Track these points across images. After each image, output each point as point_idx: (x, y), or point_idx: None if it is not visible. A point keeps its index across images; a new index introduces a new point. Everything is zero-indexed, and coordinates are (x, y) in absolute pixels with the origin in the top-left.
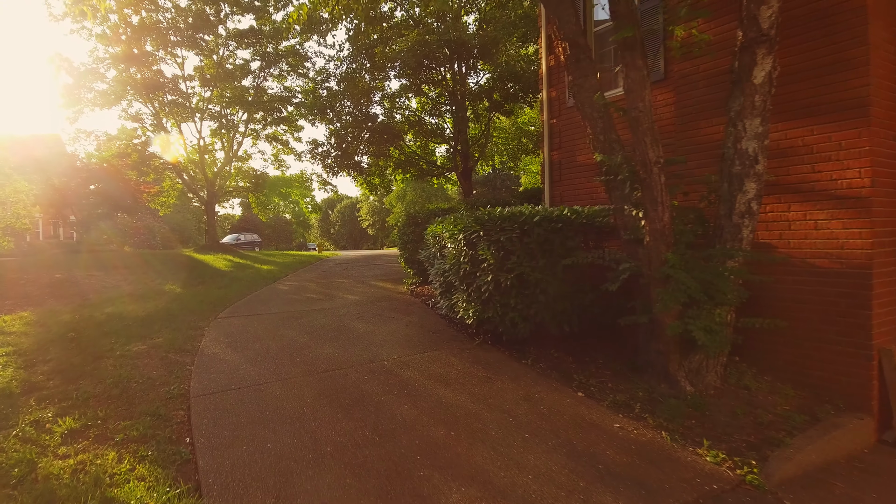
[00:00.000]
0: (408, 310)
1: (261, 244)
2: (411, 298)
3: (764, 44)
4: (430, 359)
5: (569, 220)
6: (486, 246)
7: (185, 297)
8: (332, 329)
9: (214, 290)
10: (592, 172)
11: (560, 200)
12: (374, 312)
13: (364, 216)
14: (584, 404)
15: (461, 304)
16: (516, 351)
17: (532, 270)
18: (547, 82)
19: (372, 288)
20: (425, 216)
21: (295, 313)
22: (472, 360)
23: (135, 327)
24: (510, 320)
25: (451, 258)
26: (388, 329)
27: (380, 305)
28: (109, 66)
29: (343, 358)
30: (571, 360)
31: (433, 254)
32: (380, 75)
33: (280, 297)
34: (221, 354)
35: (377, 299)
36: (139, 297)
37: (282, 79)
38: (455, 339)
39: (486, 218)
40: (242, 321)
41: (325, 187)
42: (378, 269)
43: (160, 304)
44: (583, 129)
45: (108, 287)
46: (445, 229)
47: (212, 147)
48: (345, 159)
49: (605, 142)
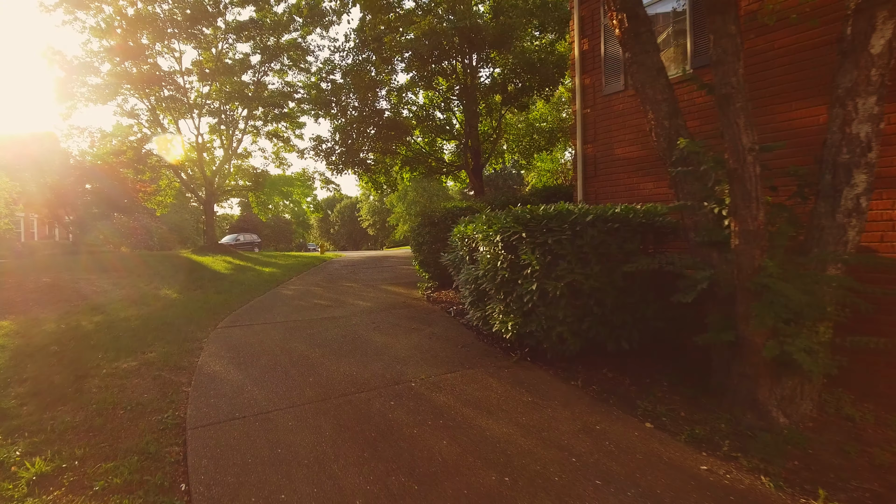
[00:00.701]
0: (428, 319)
1: (260, 245)
2: (429, 305)
3: (886, 5)
4: (464, 379)
5: (626, 220)
6: (529, 249)
7: (183, 304)
8: (347, 341)
9: (214, 296)
10: (633, 166)
11: (595, 198)
12: (391, 322)
13: (364, 216)
14: (657, 439)
15: (497, 316)
16: (562, 370)
17: (585, 278)
18: (580, 68)
19: (384, 293)
20: (442, 216)
21: (303, 322)
22: (512, 381)
23: (125, 339)
24: (558, 335)
25: (486, 263)
26: (410, 342)
27: (396, 313)
28: (104, 60)
29: (363, 378)
30: (629, 382)
31: (460, 257)
32: (387, 68)
33: (285, 303)
34: (223, 373)
35: (392, 306)
36: (132, 304)
37: (282, 74)
38: (488, 355)
39: (528, 217)
40: (245, 332)
41: (327, 186)
42: (387, 271)
43: (155, 311)
44: (622, 118)
45: (99, 292)
46: (478, 230)
47: (210, 144)
48: (350, 156)
49: (671, 128)
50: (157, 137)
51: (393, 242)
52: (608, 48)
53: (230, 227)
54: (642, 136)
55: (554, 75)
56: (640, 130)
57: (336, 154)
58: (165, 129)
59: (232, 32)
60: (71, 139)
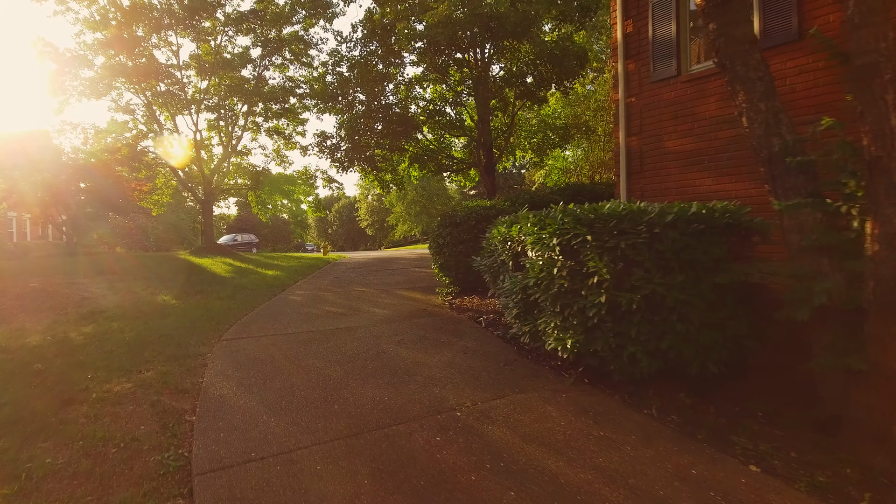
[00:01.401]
0: (457, 330)
1: (258, 245)
2: (454, 314)
3: None
4: (518, 406)
5: (711, 220)
6: (595, 255)
7: (182, 311)
8: (370, 357)
9: (216, 302)
10: (687, 160)
11: (640, 196)
12: (417, 334)
13: (363, 216)
14: (771, 488)
15: (551, 332)
16: (629, 394)
17: (668, 289)
18: (623, 53)
19: (401, 299)
20: (464, 216)
21: (318, 334)
22: (574, 408)
23: (119, 354)
24: (629, 356)
25: (537, 270)
26: (443, 358)
27: (419, 323)
28: (98, 53)
29: (396, 404)
30: (714, 412)
31: (500, 263)
32: (395, 60)
33: (294, 310)
34: (232, 397)
35: (413, 314)
36: (127, 312)
37: (283, 68)
38: (537, 376)
39: (591, 216)
40: (254, 345)
41: (329, 185)
42: (398, 274)
43: (152, 320)
44: (675, 107)
45: (91, 297)
46: (526, 232)
47: (208, 142)
48: (356, 153)
49: (768, 111)
50: (153, 134)
51: (391, 242)
52: (657, 29)
53: (227, 227)
54: (700, 127)
55: (574, 67)
56: (697, 120)
57: (342, 151)
58: (162, 126)
59: (231, 24)
60: (63, 135)
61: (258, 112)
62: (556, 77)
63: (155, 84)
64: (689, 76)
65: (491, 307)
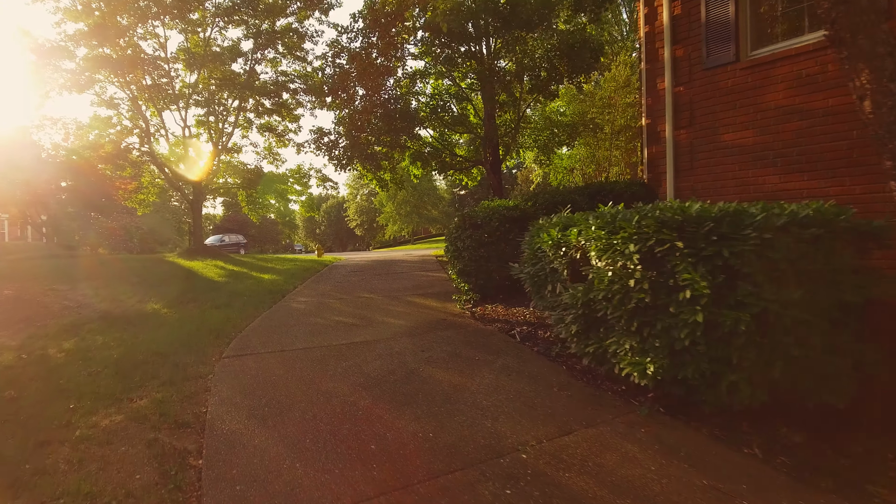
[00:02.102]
0: (490, 345)
1: (246, 246)
2: (480, 325)
3: None
4: (592, 445)
5: (827, 223)
6: (688, 265)
7: (176, 323)
8: (400, 380)
9: (212, 311)
10: (749, 155)
11: (692, 195)
12: (446, 349)
13: (352, 216)
14: None
15: (624, 354)
16: (719, 428)
17: (783, 307)
18: (670, 38)
19: (415, 308)
20: (486, 217)
21: (332, 350)
22: (660, 447)
23: (106, 376)
24: (730, 386)
25: (607, 282)
26: (485, 381)
27: (444, 337)
28: (80, 44)
29: (445, 443)
30: (830, 452)
31: (550, 271)
32: (397, 53)
33: (300, 320)
34: (244, 434)
35: (433, 325)
36: (113, 323)
37: (276, 63)
38: (599, 402)
39: (678, 218)
40: (260, 364)
41: (324, 184)
42: (403, 279)
43: (142, 333)
44: (733, 96)
45: (73, 306)
46: (589, 237)
47: (197, 139)
48: (355, 150)
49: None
50: (138, 130)
51: (380, 243)
52: (712, 10)
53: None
54: (764, 118)
55: (589, 61)
56: (761, 110)
57: (340, 148)
58: (148, 122)
59: (222, 15)
60: (43, 131)
61: (249, 108)
62: (569, 71)
63: (141, 77)
64: (750, 61)
65: (520, 318)
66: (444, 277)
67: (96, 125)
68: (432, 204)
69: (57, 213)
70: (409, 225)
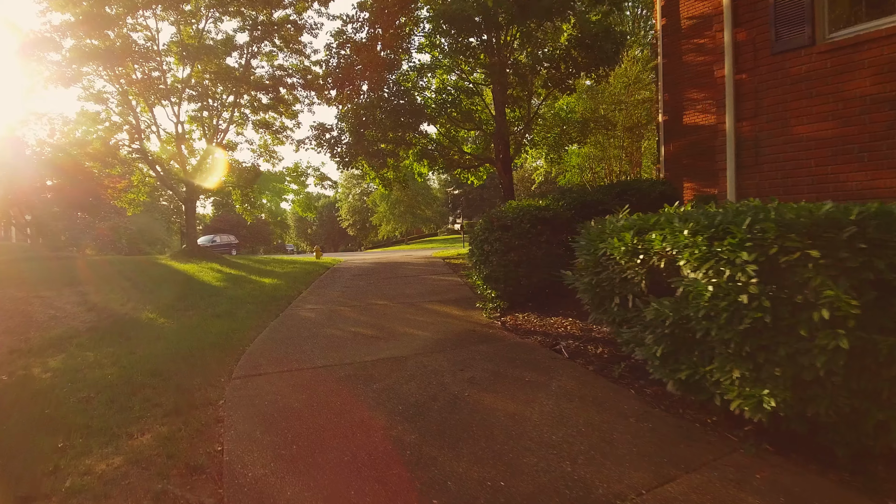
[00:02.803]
0: (536, 362)
1: (238, 247)
2: (517, 338)
3: None
4: (703, 497)
5: None
6: (829, 279)
7: (175, 335)
8: (445, 407)
9: (213, 321)
10: (828, 149)
11: (757, 192)
12: (488, 368)
13: (344, 216)
14: None
15: (732, 384)
16: (850, 473)
17: None
18: (731, 20)
19: (437, 317)
20: (516, 217)
21: (357, 368)
22: (786, 500)
23: (100, 404)
24: (878, 425)
25: (708, 297)
26: (545, 409)
27: (482, 352)
28: (66, 35)
29: (523, 494)
30: None
31: (620, 281)
32: (403, 44)
33: (313, 332)
34: (272, 483)
35: (463, 338)
36: (105, 335)
37: (272, 57)
38: (690, 437)
39: (806, 221)
40: (277, 386)
41: (322, 182)
42: (415, 283)
43: (138, 347)
44: (808, 84)
45: (59, 316)
46: (680, 243)
47: (189, 136)
48: (360, 147)
49: None
50: (128, 126)
51: (372, 243)
52: None
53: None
54: (847, 108)
55: (611, 52)
56: (842, 99)
57: (343, 145)
58: (139, 117)
59: (217, 6)
60: (27, 126)
61: (244, 104)
62: (588, 63)
63: (131, 70)
64: (829, 44)
65: (560, 329)
66: (458, 282)
67: (84, 121)
68: (426, 204)
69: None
70: (403, 225)
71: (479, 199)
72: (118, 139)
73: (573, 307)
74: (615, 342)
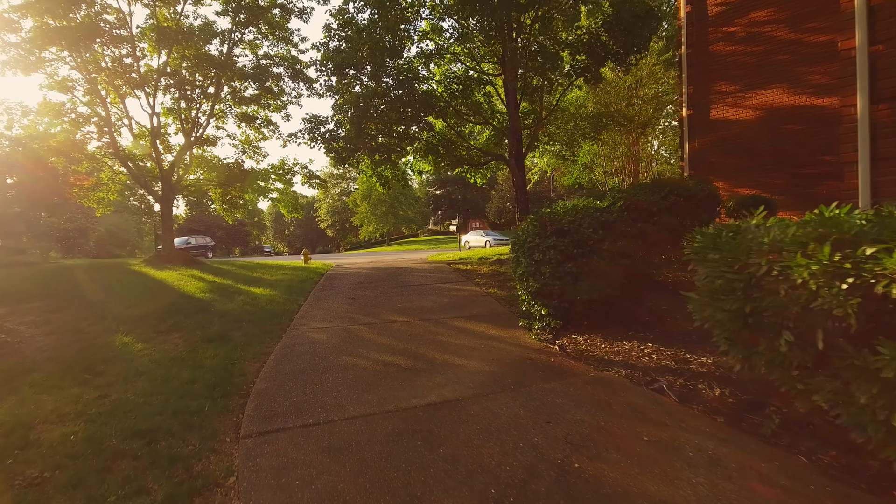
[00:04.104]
0: (636, 407)
1: (214, 249)
2: (587, 368)
3: None
4: None
5: None
6: None
7: (157, 367)
8: (556, 493)
9: (204, 347)
10: None
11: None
12: (583, 420)
13: (323, 216)
14: None
15: None
16: None
17: None
18: None
19: (474, 338)
20: (573, 220)
21: (407, 420)
22: None
23: (61, 483)
24: None
25: None
26: (700, 492)
27: (557, 392)
28: (26, 15)
29: None
30: None
31: (802, 310)
32: (408, 28)
33: (331, 361)
34: None
35: (523, 369)
36: (69, 369)
37: (257, 46)
38: None
39: None
40: (305, 452)
41: (310, 181)
42: (429, 293)
43: (112, 387)
44: None
45: (11, 342)
46: None
47: (165, 130)
48: (360, 141)
49: None
50: (97, 119)
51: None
52: None
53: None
54: None
55: (646, 37)
56: None
57: (340, 138)
58: (109, 109)
59: None
60: None
61: (224, 96)
62: (620, 50)
63: (100, 56)
64: None
65: (643, 358)
66: (477, 292)
67: (47, 112)
68: (408, 204)
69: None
70: (385, 226)
71: (461, 199)
72: (85, 132)
73: (638, 326)
74: (731, 378)
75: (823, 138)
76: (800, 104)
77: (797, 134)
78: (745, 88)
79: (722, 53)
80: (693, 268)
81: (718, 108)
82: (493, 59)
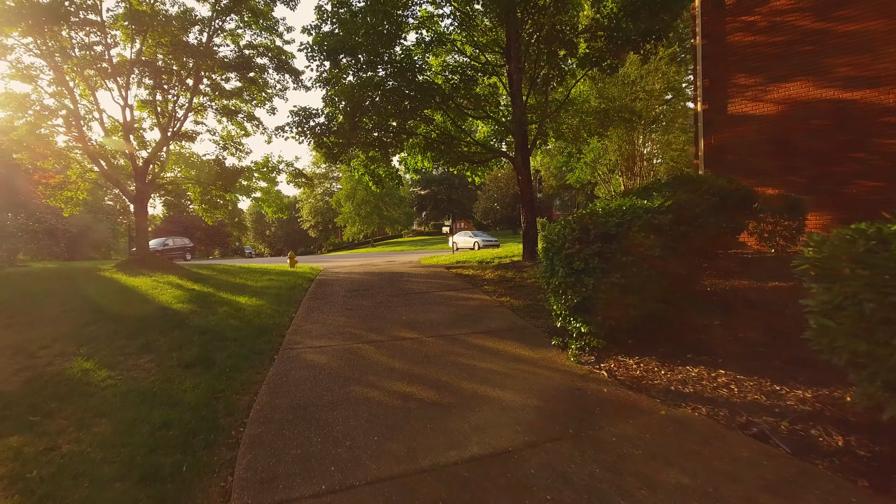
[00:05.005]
0: (738, 460)
1: (193, 251)
2: (652, 402)
3: None
4: None
5: None
6: None
7: (123, 404)
8: None
9: (182, 374)
10: None
11: None
12: (679, 484)
13: (305, 217)
14: None
15: None
16: None
17: None
18: None
19: (501, 360)
20: (621, 223)
21: (449, 485)
22: None
23: None
24: None
25: None
26: None
27: (632, 440)
28: None
29: None
30: None
31: None
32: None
33: (337, 392)
34: None
35: (577, 406)
36: (9, 410)
37: (237, 37)
38: None
39: None
40: None
41: (296, 180)
42: (435, 303)
43: (66, 435)
44: None
45: None
46: None
47: (140, 125)
48: (354, 135)
49: None
50: (65, 112)
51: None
52: None
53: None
54: None
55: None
56: None
57: (333, 132)
58: (77, 101)
59: None
60: None
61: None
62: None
63: (67, 43)
64: None
65: (715, 388)
66: (488, 301)
67: (8, 102)
68: (393, 205)
69: None
70: (369, 226)
71: (446, 199)
72: (51, 125)
73: (696, 347)
74: (849, 422)
75: (853, 134)
76: (827, 98)
77: (824, 129)
78: (766, 81)
79: (740, 44)
80: (806, 284)
81: (736, 102)
82: (496, 49)
